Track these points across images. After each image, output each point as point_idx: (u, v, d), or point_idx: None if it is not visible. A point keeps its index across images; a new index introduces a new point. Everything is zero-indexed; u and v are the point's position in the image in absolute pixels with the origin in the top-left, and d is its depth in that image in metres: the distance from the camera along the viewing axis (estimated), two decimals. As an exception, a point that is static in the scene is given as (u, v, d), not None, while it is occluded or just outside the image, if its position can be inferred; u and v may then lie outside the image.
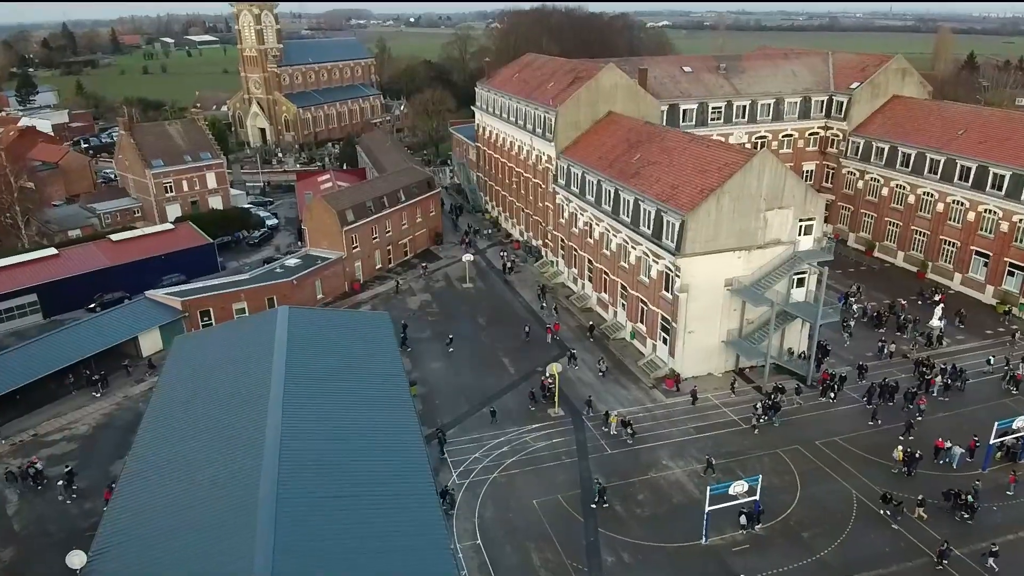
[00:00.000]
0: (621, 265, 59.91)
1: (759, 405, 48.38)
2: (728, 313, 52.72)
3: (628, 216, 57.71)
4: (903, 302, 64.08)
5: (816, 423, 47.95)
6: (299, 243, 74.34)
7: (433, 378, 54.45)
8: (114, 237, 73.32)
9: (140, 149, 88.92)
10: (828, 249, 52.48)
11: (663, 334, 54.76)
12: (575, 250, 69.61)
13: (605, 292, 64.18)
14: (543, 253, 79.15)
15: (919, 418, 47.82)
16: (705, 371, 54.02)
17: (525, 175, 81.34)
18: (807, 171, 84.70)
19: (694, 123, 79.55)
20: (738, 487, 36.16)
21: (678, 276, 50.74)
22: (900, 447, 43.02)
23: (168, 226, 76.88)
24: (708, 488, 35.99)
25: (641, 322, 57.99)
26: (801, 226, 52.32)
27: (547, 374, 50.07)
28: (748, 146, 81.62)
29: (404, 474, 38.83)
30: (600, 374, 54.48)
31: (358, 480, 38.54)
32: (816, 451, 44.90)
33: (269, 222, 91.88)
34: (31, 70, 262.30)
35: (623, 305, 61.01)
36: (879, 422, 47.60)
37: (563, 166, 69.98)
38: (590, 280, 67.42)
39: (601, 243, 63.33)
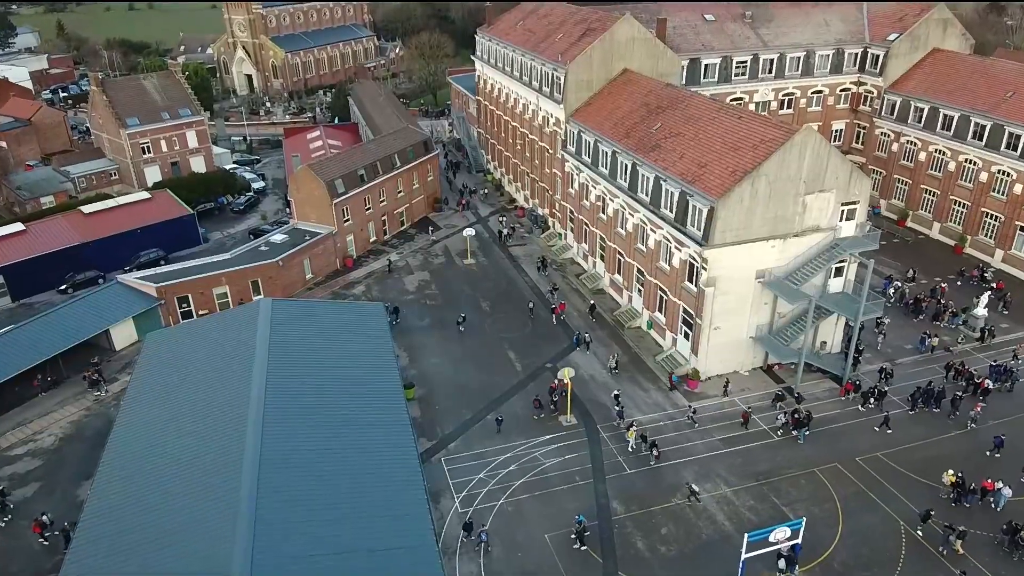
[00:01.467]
0: (638, 247, 54.44)
1: (783, 416, 43.76)
2: (758, 307, 47.60)
3: (647, 195, 51.93)
4: (943, 285, 58.76)
5: (855, 433, 43.45)
6: (287, 209, 68.83)
7: (433, 376, 49.74)
8: (86, 209, 67.55)
9: (113, 107, 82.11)
10: (873, 237, 46.94)
11: (684, 328, 49.79)
12: (586, 225, 63.96)
13: (619, 274, 58.88)
14: (550, 223, 73.46)
15: (973, 426, 43.38)
16: (731, 368, 49.26)
17: (531, 136, 74.90)
18: (836, 130, 78.27)
19: (716, 79, 72.77)
20: (780, 534, 31.82)
21: (704, 269, 45.41)
22: (951, 471, 38.51)
23: (144, 195, 71.00)
24: (746, 535, 31.60)
25: (660, 312, 52.94)
26: (843, 210, 46.69)
27: (557, 379, 45.28)
28: (774, 104, 75.15)
29: (397, 500, 35.00)
30: (612, 370, 49.89)
31: (346, 503, 34.79)
32: (857, 470, 40.48)
33: (255, 185, 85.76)
34: (13, 7, 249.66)
35: (639, 291, 55.81)
36: (888, 430, 43.36)
37: (573, 131, 63.63)
38: (602, 259, 62.02)
39: (615, 221, 57.67)
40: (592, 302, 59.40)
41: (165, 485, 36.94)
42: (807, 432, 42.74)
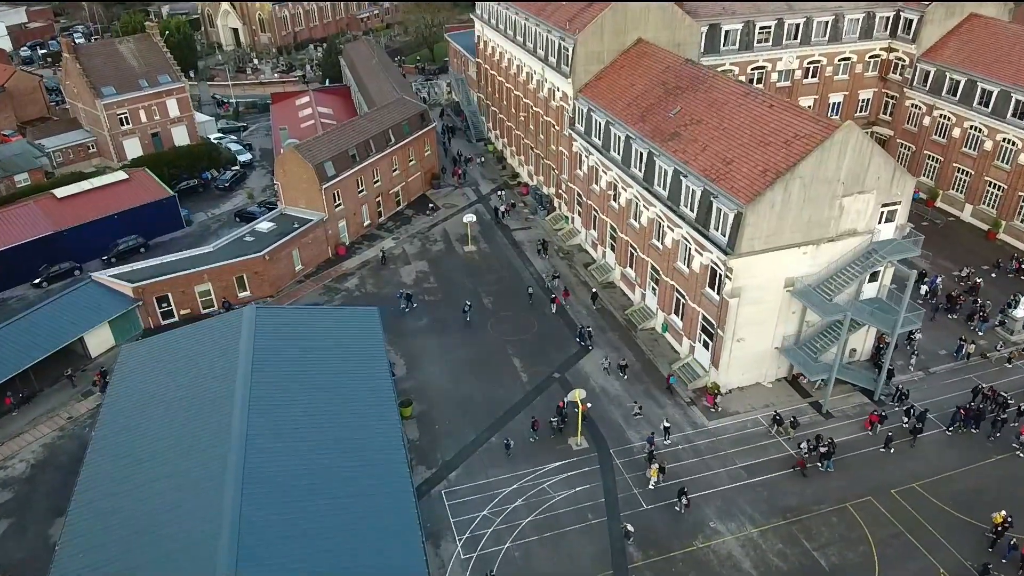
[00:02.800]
0: (653, 243, 50.23)
1: (805, 444, 40.37)
2: (786, 316, 43.75)
3: (664, 188, 47.46)
4: (978, 279, 54.69)
5: (887, 459, 40.16)
6: (276, 184, 63.97)
7: (432, 388, 46.20)
8: (59, 193, 62.90)
9: (87, 75, 76.42)
10: (916, 241, 42.72)
11: (704, 336, 46.03)
12: (595, 211, 59.52)
13: (631, 268, 54.80)
14: (555, 204, 68.91)
15: (1019, 452, 40.14)
16: (753, 380, 45.75)
17: (535, 109, 69.64)
18: (863, 99, 72.95)
19: (737, 47, 67.18)
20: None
21: (728, 278, 41.35)
22: (1002, 513, 35.28)
23: (120, 175, 66.18)
24: (780, 605, 28.54)
25: (676, 314, 49.10)
26: (883, 212, 42.39)
27: (566, 400, 41.72)
28: (799, 73, 69.64)
29: (389, 547, 32.42)
30: (620, 373, 46.90)
31: (332, 547, 32.11)
32: (892, 505, 37.31)
33: (242, 158, 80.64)
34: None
35: (653, 289, 51.84)
36: (891, 450, 40.44)
37: (582, 109, 58.59)
38: (612, 250, 57.83)
39: (628, 211, 53.26)
40: (594, 290, 55.90)
41: (139, 522, 34.17)
42: (831, 464, 39.40)
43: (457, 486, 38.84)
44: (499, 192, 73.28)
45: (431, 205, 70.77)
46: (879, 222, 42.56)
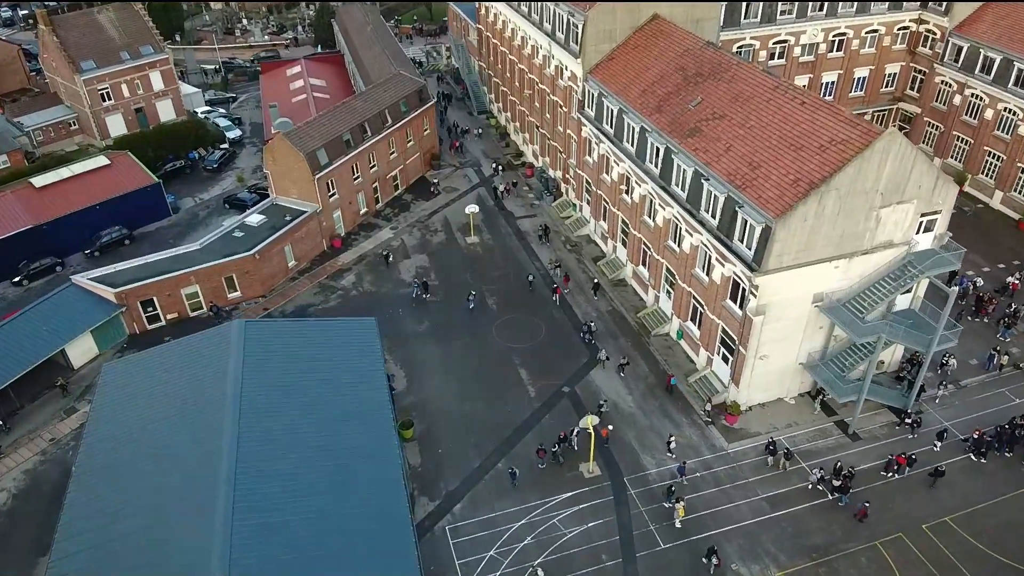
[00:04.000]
0: (668, 245, 47.01)
1: (818, 472, 37.96)
2: (812, 331, 40.87)
3: (682, 189, 44.02)
4: (1015, 280, 51.50)
5: (916, 489, 37.79)
6: (266, 172, 60.14)
7: (434, 405, 43.61)
8: (37, 182, 59.14)
9: (65, 48, 71.84)
10: (956, 255, 39.51)
11: (723, 349, 43.24)
12: (605, 202, 56.06)
13: (644, 267, 51.68)
14: (563, 189, 65.30)
15: (1057, 483, 37.85)
16: (775, 396, 43.15)
17: (541, 86, 65.41)
18: (890, 73, 68.49)
19: (759, 19, 62.58)
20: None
21: (753, 295, 38.31)
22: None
23: (102, 160, 62.33)
24: None
25: (693, 322, 46.23)
26: (922, 221, 39.09)
27: (577, 428, 39.11)
28: (823, 47, 65.09)
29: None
30: (620, 373, 45.14)
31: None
32: (925, 544, 35.06)
33: (231, 134, 76.52)
34: None
35: (668, 293, 48.83)
36: (897, 475, 38.29)
37: (592, 92, 54.57)
38: (624, 245, 54.58)
39: (642, 208, 49.86)
40: (596, 281, 53.34)
41: (126, 561, 32.14)
42: (848, 498, 37.04)
43: (462, 521, 36.55)
44: (496, 166, 70.37)
45: (436, 181, 67.83)
46: (917, 232, 39.31)
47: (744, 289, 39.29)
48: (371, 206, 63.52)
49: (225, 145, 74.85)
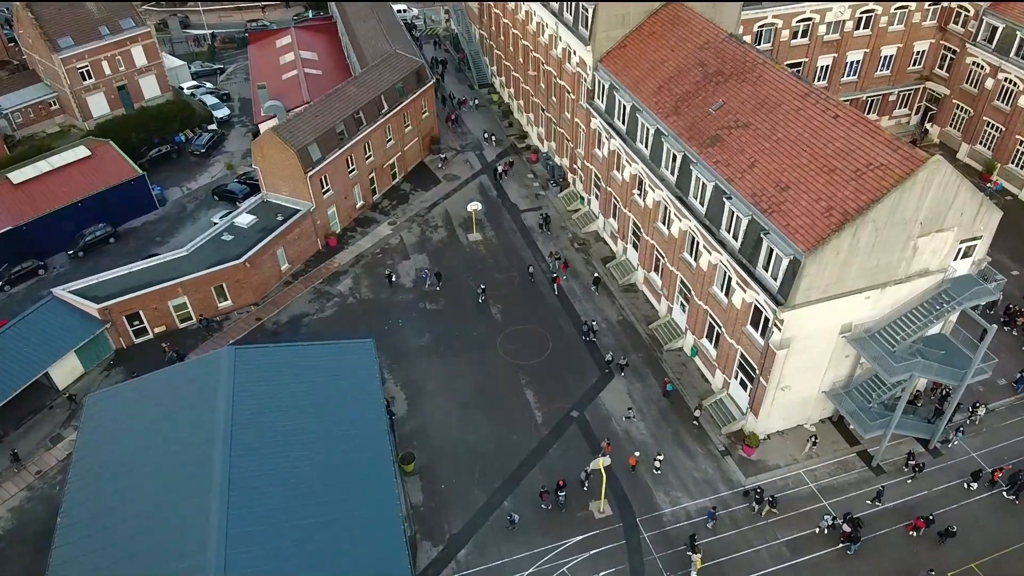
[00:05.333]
0: (684, 258, 44.20)
1: (828, 519, 36.07)
2: (838, 361, 38.48)
3: (701, 203, 40.96)
4: (1048, 289, 48.87)
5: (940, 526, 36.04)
6: (256, 167, 56.67)
7: (436, 432, 41.52)
8: (14, 177, 55.63)
9: (41, 25, 67.36)
10: (997, 284, 36.75)
11: (741, 375, 40.92)
12: (615, 200, 52.92)
13: (656, 274, 48.95)
14: (570, 179, 61.95)
15: (1089, 526, 36.00)
16: (794, 423, 41.07)
17: (547, 67, 61.36)
18: (919, 51, 64.18)
19: (781, -3, 58.21)
20: None
21: (778, 327, 35.74)
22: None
23: (83, 151, 58.74)
24: None
25: (708, 340, 43.79)
26: (961, 248, 36.25)
27: (588, 469, 37.03)
28: (850, 24, 60.64)
29: None
30: (620, 373, 44.03)
31: None
32: (955, 596, 33.55)
33: (219, 113, 72.55)
34: None
35: (683, 306, 46.25)
36: (880, 504, 36.88)
37: (603, 84, 50.82)
38: (634, 247, 51.71)
39: (655, 213, 46.84)
40: (596, 275, 51.57)
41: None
42: (857, 546, 35.24)
43: (468, 569, 34.85)
44: (489, 136, 68.49)
45: (444, 157, 65.57)
46: (955, 259, 36.50)
47: (767, 319, 36.70)
48: (367, 199, 60.33)
49: (213, 126, 71.08)
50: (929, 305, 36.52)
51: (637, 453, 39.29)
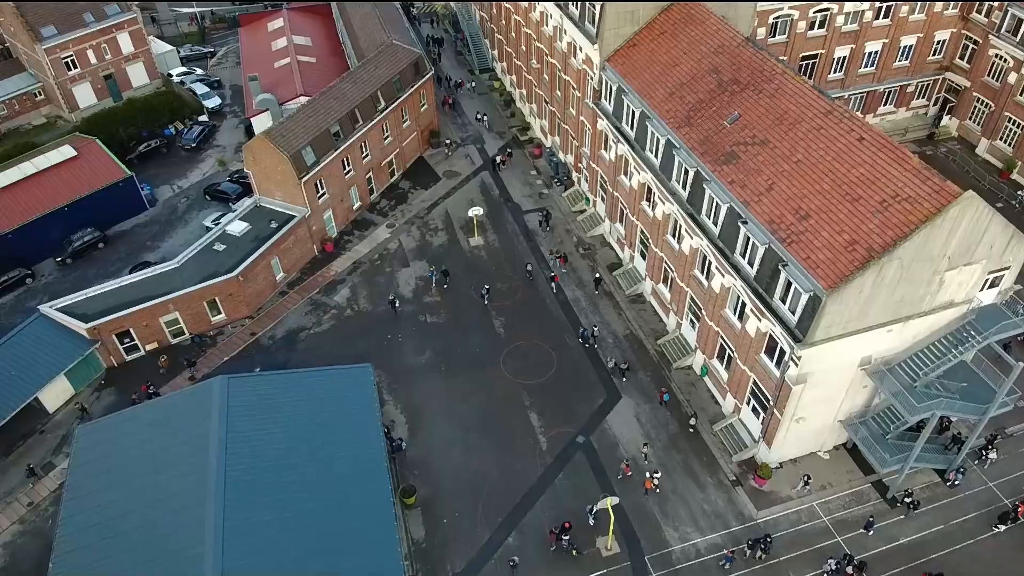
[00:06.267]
0: (695, 276, 42.44)
1: (832, 563, 34.91)
2: (855, 391, 37.03)
3: (714, 223, 39.04)
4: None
5: (961, 569, 34.98)
6: (248, 172, 54.04)
7: (437, 461, 40.25)
8: (-3, 181, 53.76)
9: (22, 14, 64.32)
10: (1024, 317, 35.12)
11: (754, 401, 39.52)
12: (623, 206, 50.91)
13: (665, 286, 47.24)
14: (574, 178, 59.76)
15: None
16: (807, 450, 39.81)
17: (551, 60, 58.68)
18: (939, 41, 61.32)
19: (797, -12, 55.24)
20: None
21: (795, 363, 34.18)
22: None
23: (68, 151, 56.39)
24: None
25: (719, 361, 42.29)
26: (988, 279, 34.49)
27: (595, 508, 35.79)
28: (869, 14, 57.69)
29: None
30: (621, 378, 43.07)
31: None
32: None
33: (209, 103, 69.88)
34: None
35: (692, 323, 44.65)
36: (869, 532, 35.84)
37: (611, 85, 48.38)
38: (642, 256, 49.87)
39: (664, 226, 44.91)
40: (598, 275, 50.54)
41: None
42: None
43: (471, 614, 33.99)
44: (481, 117, 67.49)
45: (448, 141, 64.20)
46: (981, 289, 34.76)
47: (783, 351, 35.12)
48: (365, 199, 58.23)
49: (204, 117, 68.57)
50: (953, 338, 34.92)
51: (659, 475, 38.39)
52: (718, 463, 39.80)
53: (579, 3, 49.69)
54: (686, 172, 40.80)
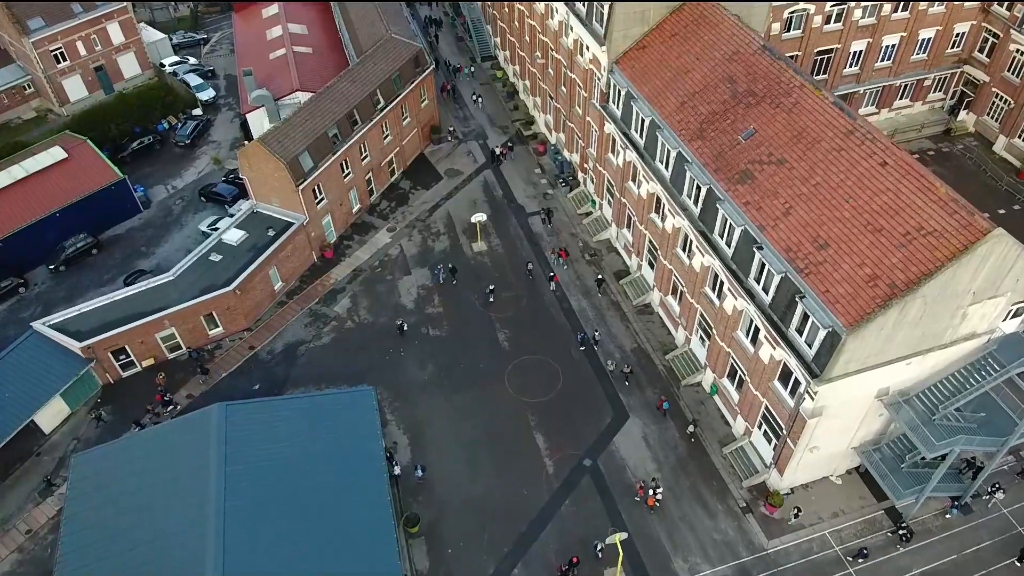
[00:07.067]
0: (705, 293, 41.17)
1: None
2: (871, 420, 36.05)
3: (727, 245, 37.63)
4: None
5: (979, 601, 34.50)
6: (243, 178, 52.15)
7: (440, 485, 39.46)
8: (-15, 185, 52.19)
9: (8, 7, 61.97)
10: (1049, 350, 33.87)
11: (765, 427, 38.57)
12: (630, 212, 49.43)
13: (674, 298, 46.01)
14: (580, 179, 58.11)
15: None
16: (820, 475, 38.98)
17: (556, 55, 56.59)
18: (958, 33, 59.06)
19: (813, -18, 52.92)
20: None
21: (810, 397, 33.12)
22: None
23: (59, 153, 54.67)
24: None
25: (730, 381, 41.26)
26: (1011, 310, 33.24)
27: (603, 544, 35.01)
28: (887, 7, 55.28)
29: None
30: (625, 382, 42.47)
31: None
32: None
33: (203, 95, 67.85)
34: None
35: (702, 339, 43.51)
36: (862, 560, 35.14)
37: (619, 89, 46.51)
38: (650, 265, 48.55)
39: (675, 239, 43.50)
40: (600, 276, 49.87)
41: None
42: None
43: (477, 653, 33.48)
44: (476, 97, 66.75)
45: (451, 128, 63.41)
46: (1004, 320, 33.54)
47: (798, 382, 34.04)
48: (364, 201, 56.68)
49: (198, 111, 66.63)
50: (973, 369, 33.78)
51: (659, 492, 37.78)
52: (728, 488, 39.01)
53: (586, 1, 47.59)
54: (698, 188, 39.24)
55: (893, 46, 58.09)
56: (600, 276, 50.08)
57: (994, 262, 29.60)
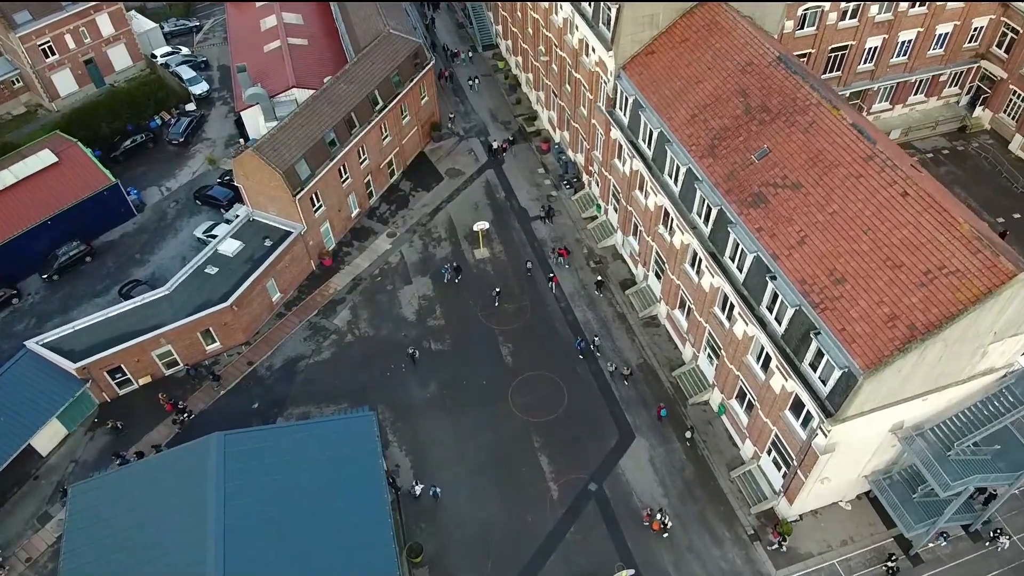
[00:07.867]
0: (714, 313, 40.11)
1: None
2: (884, 451, 35.30)
3: (739, 269, 36.45)
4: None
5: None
6: (239, 185, 50.56)
7: (444, 509, 38.91)
8: (-25, 194, 50.76)
9: (-13, -3, 59.96)
10: (1071, 387, 32.91)
11: (775, 454, 37.83)
12: (636, 221, 48.13)
13: (681, 312, 44.98)
14: (584, 181, 56.61)
15: None
16: (830, 501, 38.38)
17: (560, 53, 54.69)
18: (976, 28, 57.03)
19: (828, -22, 50.81)
20: None
21: (823, 434, 32.27)
22: None
23: (49, 157, 52.96)
24: None
25: (739, 402, 40.44)
26: (1032, 344, 32.25)
27: (613, 577, 34.65)
28: (904, 3, 53.19)
29: None
30: (624, 383, 42.51)
31: None
32: None
33: (196, 89, 65.91)
34: None
35: (710, 359, 42.58)
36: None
37: (626, 96, 44.86)
38: (657, 277, 47.41)
39: (683, 255, 42.30)
40: (599, 278, 49.24)
41: None
42: None
43: None
44: (472, 80, 66.01)
45: (452, 116, 62.53)
46: (1022, 354, 32.56)
47: (811, 416, 33.19)
48: (364, 205, 55.30)
49: (191, 106, 64.81)
50: (989, 402, 32.90)
51: (669, 523, 37.38)
52: (735, 515, 38.45)
53: (593, 1, 45.65)
54: (709, 208, 37.92)
55: (909, 42, 56.15)
56: (600, 279, 49.10)
57: (1018, 304, 28.49)
